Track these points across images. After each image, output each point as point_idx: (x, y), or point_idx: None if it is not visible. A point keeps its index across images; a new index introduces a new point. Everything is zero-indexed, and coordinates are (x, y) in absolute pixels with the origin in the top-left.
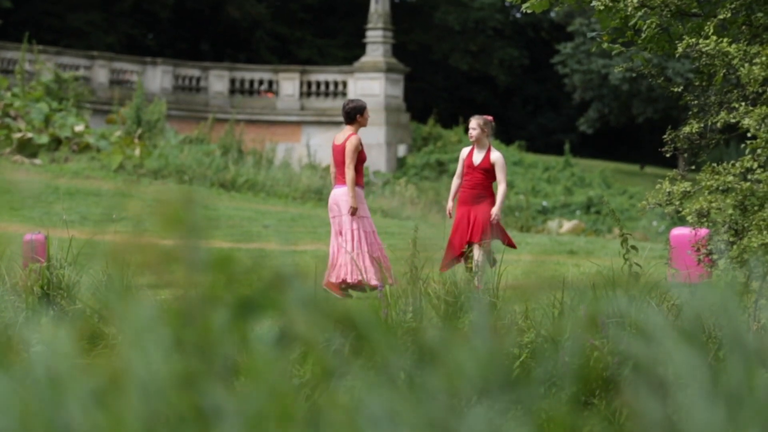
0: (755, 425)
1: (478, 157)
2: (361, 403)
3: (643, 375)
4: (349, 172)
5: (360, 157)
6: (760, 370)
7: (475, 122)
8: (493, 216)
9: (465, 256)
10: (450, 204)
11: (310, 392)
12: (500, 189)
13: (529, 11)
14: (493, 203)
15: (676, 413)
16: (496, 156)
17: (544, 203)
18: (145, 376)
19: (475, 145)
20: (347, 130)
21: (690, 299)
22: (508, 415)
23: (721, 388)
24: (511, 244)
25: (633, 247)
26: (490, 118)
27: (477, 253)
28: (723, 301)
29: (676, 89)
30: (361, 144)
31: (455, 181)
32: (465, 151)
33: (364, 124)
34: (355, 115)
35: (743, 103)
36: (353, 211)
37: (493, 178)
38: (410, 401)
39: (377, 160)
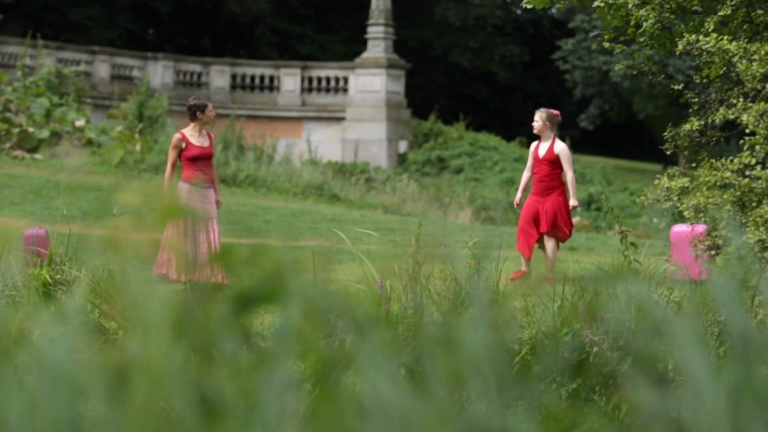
0: (758, 422)
1: (543, 149)
2: (362, 399)
3: (643, 370)
4: (166, 169)
5: (187, 153)
6: (761, 366)
7: (538, 114)
8: (572, 206)
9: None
10: (518, 195)
11: (311, 388)
12: (568, 178)
13: (529, 6)
14: (561, 193)
15: (676, 409)
16: (559, 147)
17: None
18: (153, 369)
19: (541, 138)
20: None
21: (691, 294)
22: (508, 411)
23: (722, 384)
24: (563, 239)
25: (633, 243)
26: (555, 112)
27: (548, 244)
28: (725, 296)
29: (677, 86)
30: (183, 141)
31: (525, 174)
32: (533, 145)
33: (206, 122)
34: (195, 112)
35: (741, 99)
36: None
37: (560, 168)
38: (411, 397)
39: (378, 156)
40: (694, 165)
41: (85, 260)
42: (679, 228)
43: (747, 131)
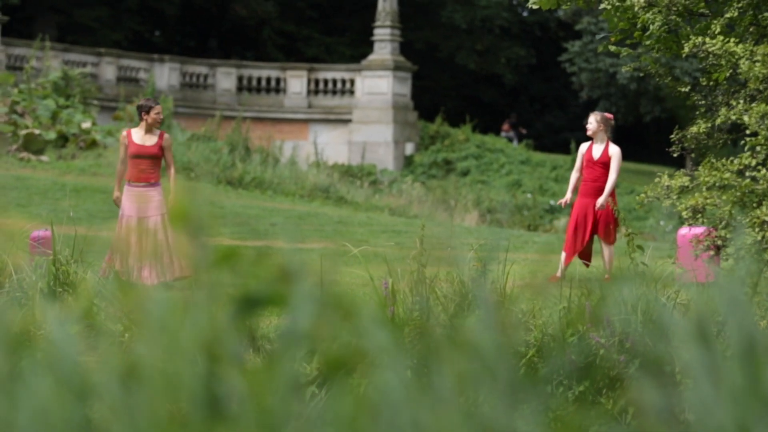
0: (764, 425)
1: (597, 152)
2: (368, 401)
3: (650, 373)
4: (117, 166)
5: (129, 151)
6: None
7: (593, 117)
8: (597, 205)
9: (585, 251)
10: (568, 195)
11: (317, 390)
12: (611, 179)
13: (535, 7)
14: (611, 196)
15: (683, 412)
16: (614, 150)
17: (552, 202)
18: (160, 371)
19: (594, 140)
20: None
21: (697, 296)
22: (515, 414)
23: (729, 387)
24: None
25: (639, 246)
26: (609, 116)
27: (606, 248)
28: (731, 298)
29: (683, 89)
30: (126, 138)
31: (574, 175)
32: (584, 147)
33: (152, 124)
34: (140, 113)
35: (741, 101)
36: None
37: None
38: (419, 399)
39: (385, 159)
40: (700, 168)
41: (91, 262)
42: (686, 230)
43: (748, 132)
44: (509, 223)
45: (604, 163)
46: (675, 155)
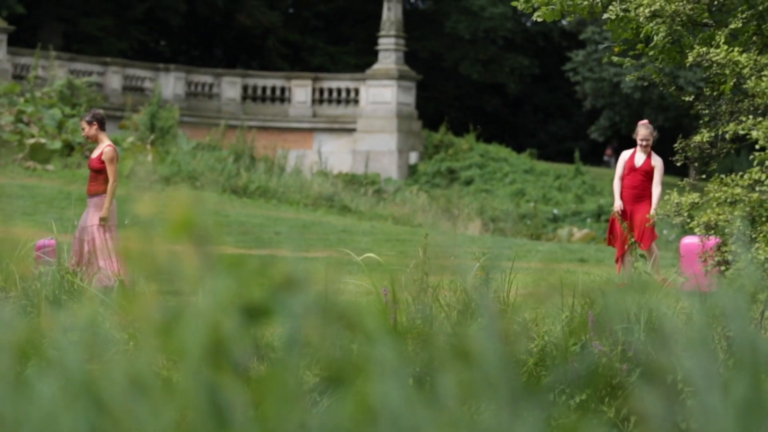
0: None
1: (639, 160)
2: (370, 409)
3: (651, 382)
4: None
5: None
6: None
7: (647, 130)
8: (649, 215)
9: (625, 253)
10: (618, 202)
11: (319, 398)
12: (656, 191)
13: (540, 20)
14: (650, 203)
15: (685, 421)
16: (657, 159)
17: (555, 211)
18: (167, 379)
19: (638, 149)
20: None
21: (700, 306)
22: (517, 422)
23: (731, 396)
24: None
25: (642, 255)
26: (646, 122)
27: (628, 255)
28: (733, 308)
29: (687, 98)
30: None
31: (617, 183)
32: (626, 154)
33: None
34: None
35: (750, 117)
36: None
37: (652, 180)
38: (420, 408)
39: (389, 167)
40: (704, 177)
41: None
42: (689, 239)
43: (757, 147)
44: (512, 232)
45: (646, 172)
46: (678, 164)
